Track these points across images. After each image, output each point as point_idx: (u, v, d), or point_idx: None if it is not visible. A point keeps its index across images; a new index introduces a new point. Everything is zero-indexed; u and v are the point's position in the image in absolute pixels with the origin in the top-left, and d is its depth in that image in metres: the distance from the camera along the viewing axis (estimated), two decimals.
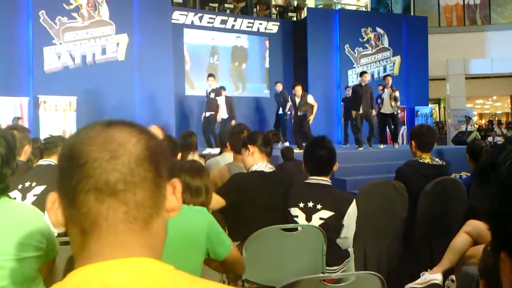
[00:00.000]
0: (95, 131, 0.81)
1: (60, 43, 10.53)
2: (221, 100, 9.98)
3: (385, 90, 10.22)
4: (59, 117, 9.75)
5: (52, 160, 3.12)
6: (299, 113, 9.77)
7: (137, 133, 0.81)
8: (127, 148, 0.79)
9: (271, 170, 3.05)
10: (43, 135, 8.21)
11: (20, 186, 2.89)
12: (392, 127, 10.57)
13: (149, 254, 0.79)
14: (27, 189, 2.88)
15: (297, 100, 9.80)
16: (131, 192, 0.77)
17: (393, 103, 10.11)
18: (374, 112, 10.20)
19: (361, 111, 9.98)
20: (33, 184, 2.89)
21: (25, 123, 9.35)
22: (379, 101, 10.32)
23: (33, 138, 5.37)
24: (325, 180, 3.01)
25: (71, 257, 2.21)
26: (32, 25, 10.24)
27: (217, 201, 2.79)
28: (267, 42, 14.14)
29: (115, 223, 0.77)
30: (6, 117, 9.34)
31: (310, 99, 9.82)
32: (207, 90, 10.15)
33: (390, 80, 10.31)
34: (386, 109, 10.21)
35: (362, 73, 10.45)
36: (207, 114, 9.95)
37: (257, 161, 3.00)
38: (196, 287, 0.78)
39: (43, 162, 3.14)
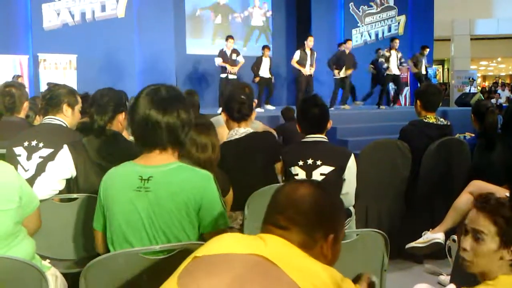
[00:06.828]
0: None
1: (59, 0, 10.31)
2: (240, 60, 10.33)
3: (392, 52, 10.71)
4: (59, 76, 9.62)
5: (59, 118, 2.89)
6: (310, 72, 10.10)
7: None
8: None
9: (243, 134, 2.93)
10: None
11: (26, 144, 2.76)
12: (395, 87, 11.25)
13: None
14: (34, 149, 2.74)
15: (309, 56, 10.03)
16: None
17: (402, 65, 10.95)
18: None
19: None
20: (40, 144, 2.75)
21: (25, 81, 9.26)
22: (384, 63, 10.69)
23: (32, 97, 5.30)
24: (321, 137, 2.99)
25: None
26: None
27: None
28: (270, 0, 13.83)
29: None
30: (5, 75, 9.19)
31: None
32: (223, 50, 10.20)
33: (397, 43, 10.89)
34: (394, 70, 10.77)
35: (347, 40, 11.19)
36: (230, 76, 10.10)
37: (231, 127, 2.98)
38: None
39: (51, 120, 2.88)
